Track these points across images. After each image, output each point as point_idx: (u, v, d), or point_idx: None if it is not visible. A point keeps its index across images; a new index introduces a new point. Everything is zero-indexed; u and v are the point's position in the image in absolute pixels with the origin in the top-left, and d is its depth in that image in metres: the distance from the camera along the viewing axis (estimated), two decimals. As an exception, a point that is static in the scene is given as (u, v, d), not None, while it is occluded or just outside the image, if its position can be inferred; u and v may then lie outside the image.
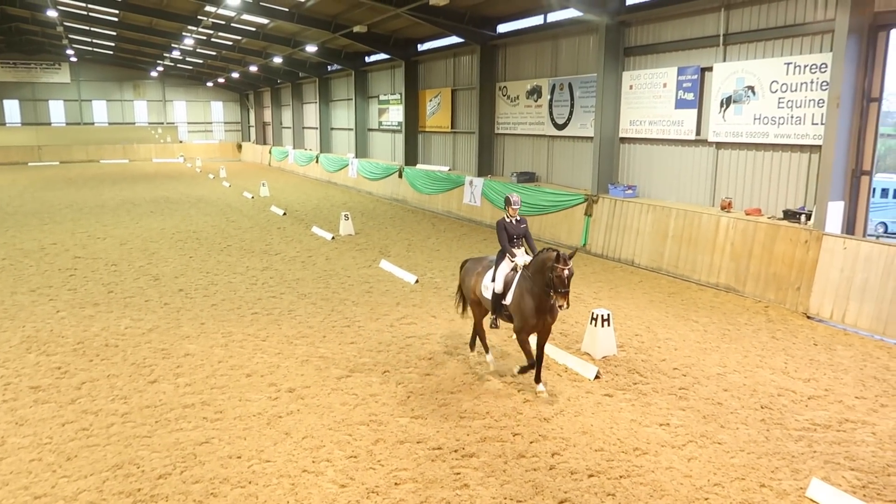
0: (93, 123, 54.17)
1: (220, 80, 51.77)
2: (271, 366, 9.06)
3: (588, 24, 17.14)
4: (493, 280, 8.25)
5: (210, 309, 11.81)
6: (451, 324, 10.90)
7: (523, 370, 8.24)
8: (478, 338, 9.17)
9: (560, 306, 7.36)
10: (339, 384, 8.43)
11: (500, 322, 8.48)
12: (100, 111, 54.57)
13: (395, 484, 6.12)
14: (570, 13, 17.49)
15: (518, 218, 8.44)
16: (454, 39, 23.52)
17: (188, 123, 57.66)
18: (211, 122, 58.60)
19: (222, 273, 14.59)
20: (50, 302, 12.23)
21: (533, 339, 8.27)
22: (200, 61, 45.01)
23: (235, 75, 46.23)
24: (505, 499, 5.86)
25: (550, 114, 19.58)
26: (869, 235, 12.35)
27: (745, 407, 7.77)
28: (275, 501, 5.83)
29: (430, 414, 7.56)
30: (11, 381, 8.53)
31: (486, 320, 8.86)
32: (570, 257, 7.36)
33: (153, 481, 6.13)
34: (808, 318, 11.26)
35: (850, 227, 11.79)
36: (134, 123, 55.55)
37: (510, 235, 8.35)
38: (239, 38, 33.06)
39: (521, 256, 8.19)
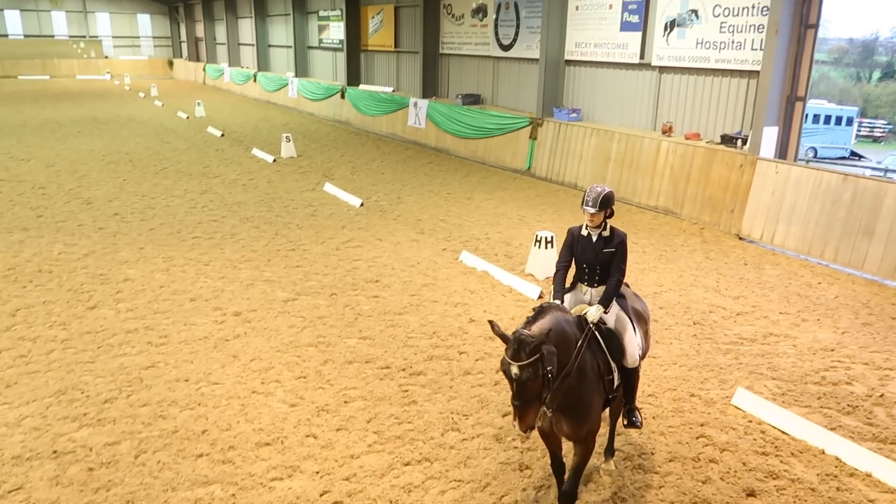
0: (6, 36, 50.07)
1: (147, -10, 48.44)
2: (215, 290, 8.95)
3: (536, -61, 16.63)
4: None
5: (148, 233, 11.48)
6: (396, 247, 10.93)
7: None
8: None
9: (514, 426, 3.91)
10: (285, 307, 8.43)
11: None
12: (13, 22, 50.32)
13: (345, 402, 6.26)
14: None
15: (606, 234, 4.75)
16: (397, -48, 22.52)
17: (113, 38, 53.97)
18: (139, 37, 55.04)
19: (159, 196, 14.12)
20: (-26, 227, 11.66)
21: None
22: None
23: (163, -15, 43.29)
24: (451, 413, 6.09)
25: (496, 34, 19.19)
26: (799, 160, 12.82)
27: (678, 323, 8.18)
28: (225, 421, 5.89)
29: (378, 335, 7.67)
30: (-61, 308, 8.20)
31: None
32: (522, 345, 3.79)
33: (99, 406, 6.09)
34: (740, 238, 11.77)
35: (782, 152, 12.21)
36: (53, 36, 51.61)
37: (578, 261, 4.86)
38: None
39: (571, 307, 4.71)
